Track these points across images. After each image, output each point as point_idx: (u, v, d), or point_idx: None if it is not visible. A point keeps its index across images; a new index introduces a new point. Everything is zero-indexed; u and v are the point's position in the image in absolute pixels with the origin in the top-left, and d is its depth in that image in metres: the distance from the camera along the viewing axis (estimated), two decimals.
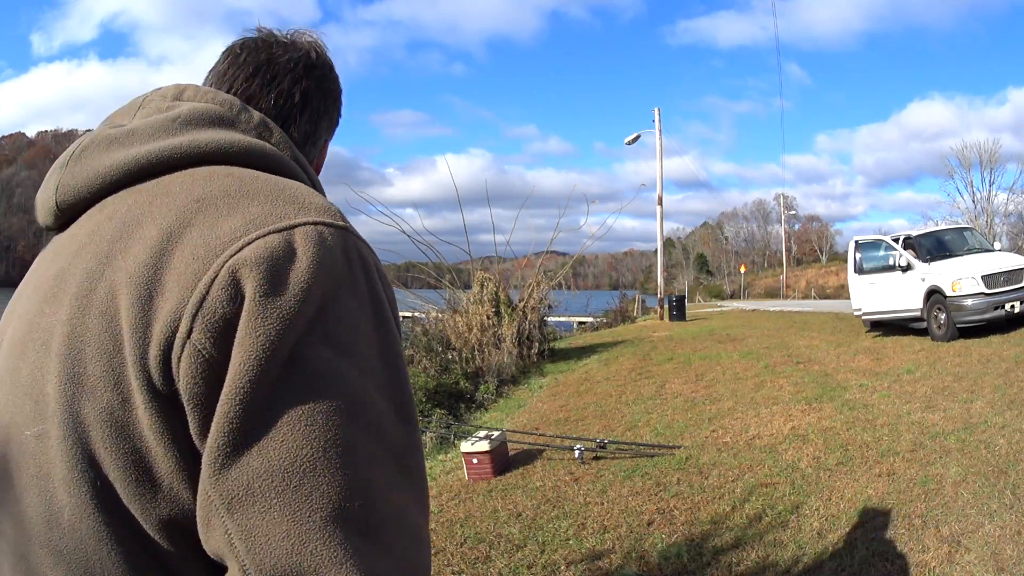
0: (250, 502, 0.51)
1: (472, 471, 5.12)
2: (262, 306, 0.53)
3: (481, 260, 13.72)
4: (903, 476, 4.19)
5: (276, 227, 0.57)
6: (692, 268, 75.46)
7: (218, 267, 0.55)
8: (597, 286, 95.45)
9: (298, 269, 0.55)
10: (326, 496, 0.51)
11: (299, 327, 0.54)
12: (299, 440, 0.52)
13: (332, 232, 0.59)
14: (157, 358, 0.54)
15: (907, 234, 10.75)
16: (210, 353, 0.53)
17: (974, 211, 35.95)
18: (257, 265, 0.55)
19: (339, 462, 0.52)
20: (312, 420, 0.52)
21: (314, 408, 0.53)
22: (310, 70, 0.83)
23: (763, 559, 3.33)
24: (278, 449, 0.51)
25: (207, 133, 0.68)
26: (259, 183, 0.63)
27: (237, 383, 0.52)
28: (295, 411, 0.52)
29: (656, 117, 24.71)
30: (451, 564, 3.57)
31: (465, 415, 8.21)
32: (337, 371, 0.54)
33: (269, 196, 0.61)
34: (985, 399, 5.67)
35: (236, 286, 0.54)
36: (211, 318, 0.54)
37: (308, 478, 0.51)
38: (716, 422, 6.13)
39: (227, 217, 0.58)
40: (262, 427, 0.52)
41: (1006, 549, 3.07)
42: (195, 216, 0.59)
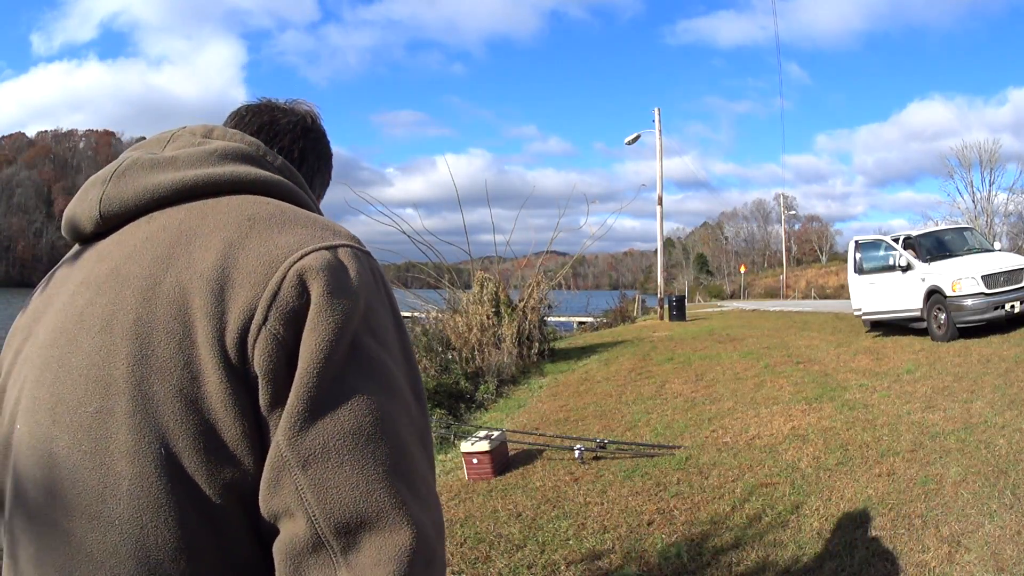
0: (324, 459, 0.62)
1: (472, 471, 5.12)
2: (329, 302, 0.66)
3: (481, 260, 13.73)
4: (903, 476, 4.19)
5: (325, 245, 0.70)
6: (692, 268, 75.46)
7: (286, 269, 0.67)
8: (597, 286, 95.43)
9: (351, 277, 0.69)
10: (385, 455, 0.63)
11: (355, 321, 0.66)
12: (363, 409, 0.64)
13: (361, 253, 0.73)
14: (234, 340, 0.65)
15: (907, 234, 10.75)
16: (283, 336, 0.65)
17: (974, 211, 35.96)
18: (321, 271, 0.67)
19: (390, 429, 0.65)
20: (370, 394, 0.65)
21: (369, 385, 0.65)
22: (307, 132, 0.97)
23: (763, 559, 3.32)
24: (347, 415, 0.63)
25: (243, 167, 0.79)
26: (296, 212, 0.76)
27: (313, 360, 0.64)
28: (358, 386, 0.64)
29: (656, 117, 24.72)
30: (451, 564, 3.57)
31: (465, 415, 8.21)
32: (380, 358, 0.67)
33: (308, 222, 0.74)
34: (985, 399, 5.67)
35: (303, 286, 0.66)
36: (284, 309, 0.65)
37: (372, 440, 0.63)
38: (716, 422, 6.13)
39: (280, 234, 0.70)
40: (334, 397, 0.63)
41: (1006, 549, 3.07)
42: (251, 231, 0.71)
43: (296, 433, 0.62)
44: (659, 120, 24.63)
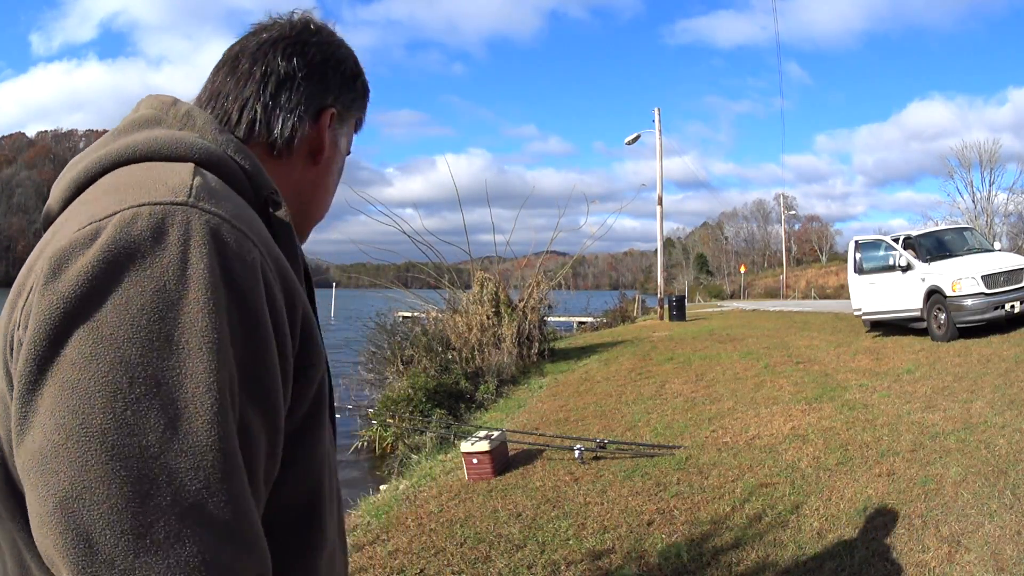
0: (24, 478, 0.52)
1: (472, 471, 5.12)
2: (39, 295, 0.53)
3: (481, 260, 13.73)
4: (903, 476, 4.19)
5: (98, 217, 0.56)
6: (692, 268, 75.47)
7: (39, 266, 0.56)
8: (597, 286, 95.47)
9: (84, 257, 0.53)
10: (56, 486, 0.49)
11: (65, 313, 0.52)
12: (50, 426, 0.50)
13: (156, 211, 0.56)
14: (4, 351, 0.58)
15: (907, 234, 10.75)
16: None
17: (974, 211, 35.94)
18: (50, 258, 0.54)
19: (79, 454, 0.49)
20: (64, 407, 0.50)
21: (65, 396, 0.50)
22: (276, 42, 0.80)
23: (763, 559, 3.33)
24: (37, 432, 0.51)
25: (129, 137, 0.68)
26: (137, 176, 0.62)
27: (20, 365, 0.53)
28: (51, 398, 0.51)
29: (656, 117, 24.72)
30: (451, 564, 3.57)
31: (465, 415, 8.21)
32: (95, 367, 0.51)
33: (133, 184, 0.60)
34: (985, 399, 5.67)
35: (38, 282, 0.55)
36: (26, 310, 0.55)
37: (50, 463, 0.49)
38: (716, 422, 6.13)
39: (77, 217, 0.59)
40: (31, 411, 0.52)
41: (1006, 549, 3.07)
42: (67, 220, 0.61)
43: (16, 448, 0.53)
44: (659, 120, 24.63)
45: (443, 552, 3.74)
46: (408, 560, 3.67)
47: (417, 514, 4.42)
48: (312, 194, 0.85)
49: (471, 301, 11.62)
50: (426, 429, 7.14)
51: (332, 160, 0.84)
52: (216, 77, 0.80)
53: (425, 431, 7.11)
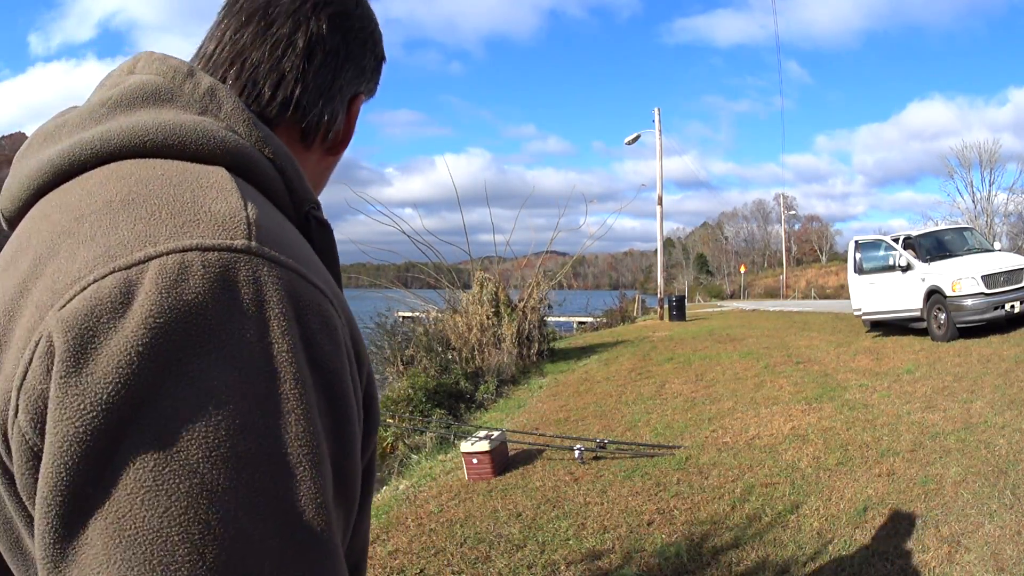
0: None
1: (472, 471, 5.12)
2: (65, 388, 0.39)
3: (481, 260, 13.74)
4: (903, 476, 4.20)
5: (124, 263, 0.42)
6: (692, 268, 75.52)
7: (43, 328, 0.41)
8: (597, 286, 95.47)
9: (123, 331, 0.39)
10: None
11: (116, 418, 0.38)
12: (105, 561, 0.38)
13: (213, 259, 0.42)
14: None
15: (907, 234, 10.75)
16: (33, 441, 0.40)
17: (974, 211, 35.97)
18: (68, 328, 0.40)
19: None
20: (133, 552, 0.37)
21: (135, 536, 0.37)
22: (322, 7, 0.66)
23: (763, 559, 3.33)
24: (90, 567, 0.38)
25: (130, 117, 0.54)
26: (156, 184, 0.48)
27: (43, 491, 0.39)
28: (112, 536, 0.38)
29: (656, 117, 24.74)
30: (451, 564, 3.57)
31: (465, 415, 8.22)
32: (173, 485, 0.38)
33: (155, 206, 0.46)
34: (985, 399, 5.67)
35: (51, 356, 0.40)
36: (31, 396, 0.40)
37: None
38: (716, 422, 6.13)
39: (87, 245, 0.44)
40: (76, 550, 0.38)
41: (1006, 549, 3.07)
42: (63, 242, 0.45)
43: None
44: (659, 120, 24.65)
45: (443, 552, 3.74)
46: (408, 560, 3.67)
47: (417, 514, 4.42)
48: (317, 184, 0.73)
49: (471, 301, 11.62)
50: (426, 429, 7.14)
51: (341, 149, 0.74)
52: (239, 34, 0.64)
53: (425, 431, 7.11)
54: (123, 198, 0.47)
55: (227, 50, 0.64)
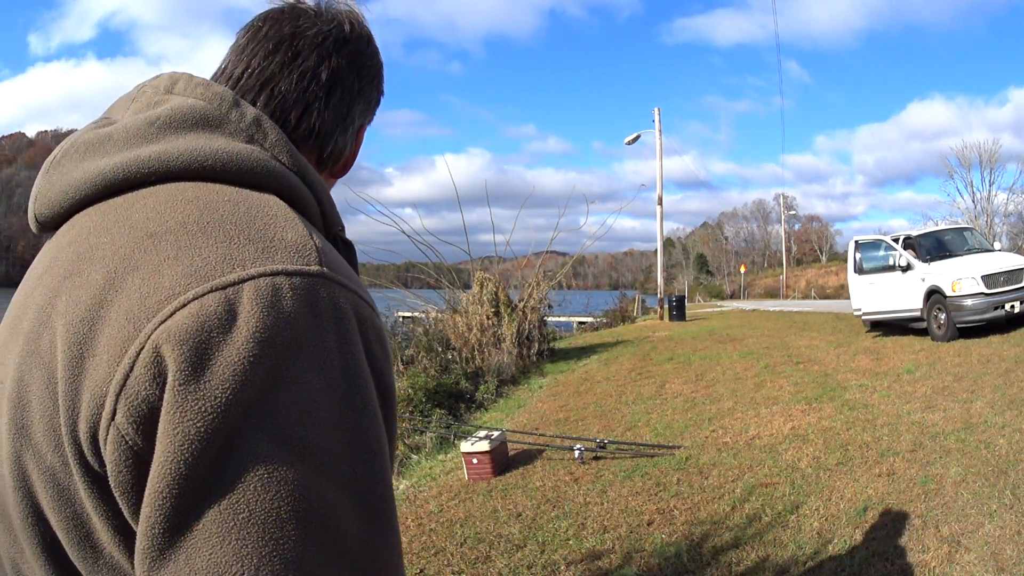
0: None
1: (472, 471, 5.12)
2: (183, 394, 0.44)
3: (481, 260, 13.73)
4: (903, 476, 4.20)
5: (220, 283, 0.47)
6: (692, 268, 75.48)
7: (144, 338, 0.46)
8: (597, 286, 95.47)
9: (234, 344, 0.45)
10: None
11: (232, 419, 0.44)
12: (229, 554, 0.43)
13: (299, 283, 0.49)
14: (87, 434, 0.48)
15: (907, 234, 10.76)
16: (134, 441, 0.46)
17: (974, 211, 35.97)
18: (182, 342, 0.45)
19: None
20: (247, 532, 0.43)
21: (250, 518, 0.43)
22: (341, 45, 0.71)
23: (763, 559, 3.33)
24: (205, 562, 0.43)
25: (184, 140, 0.58)
26: (225, 210, 0.53)
27: (158, 485, 0.44)
28: (226, 520, 0.43)
29: (656, 117, 24.74)
30: (451, 564, 3.57)
31: (465, 415, 8.21)
32: (282, 472, 0.44)
33: (231, 231, 0.51)
34: (985, 399, 5.67)
35: (159, 365, 0.45)
36: (134, 401, 0.45)
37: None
38: (716, 422, 6.13)
39: (172, 264, 0.49)
40: (188, 535, 0.44)
41: (1006, 549, 3.07)
42: (142, 258, 0.50)
43: (147, 572, 0.45)
44: (659, 120, 24.65)
45: (443, 552, 3.74)
46: (408, 560, 3.67)
47: (417, 514, 4.42)
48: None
49: (471, 301, 11.62)
50: (426, 429, 7.14)
51: (343, 173, 0.81)
52: (268, 60, 0.68)
53: (425, 431, 7.11)
54: (197, 220, 0.52)
55: (255, 76, 0.68)
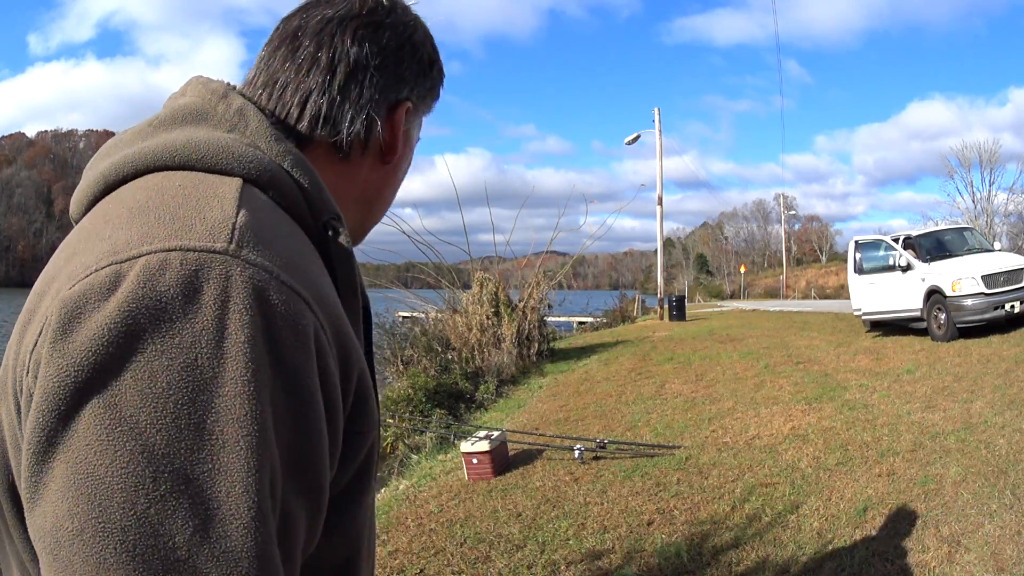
0: (36, 546, 0.46)
1: (472, 471, 5.12)
2: (50, 352, 0.45)
3: (481, 260, 13.73)
4: (903, 476, 4.20)
5: (122, 257, 0.48)
6: (692, 268, 75.53)
7: (53, 305, 0.48)
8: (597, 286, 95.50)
9: (102, 311, 0.45)
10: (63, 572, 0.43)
11: (81, 381, 0.44)
12: (63, 512, 0.43)
13: (191, 259, 0.47)
14: (14, 383, 0.51)
15: (907, 234, 10.76)
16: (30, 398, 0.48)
17: (974, 211, 35.98)
18: (64, 306, 0.46)
19: (95, 551, 0.42)
20: (78, 493, 0.43)
21: (79, 481, 0.43)
22: (347, 23, 0.68)
23: (763, 559, 3.33)
24: (50, 516, 0.44)
25: (171, 135, 0.59)
26: (172, 193, 0.53)
27: (27, 434, 0.46)
28: (62, 476, 0.44)
29: (656, 117, 24.74)
30: (451, 564, 3.57)
31: (465, 415, 8.21)
32: (113, 440, 0.43)
33: (163, 212, 0.51)
34: (985, 399, 5.67)
35: (50, 327, 0.47)
36: (36, 359, 0.48)
37: (63, 551, 0.43)
38: (716, 422, 6.13)
39: (103, 242, 0.50)
40: (43, 486, 0.45)
41: (1006, 549, 3.07)
42: (89, 240, 0.52)
43: (28, 519, 0.47)
44: (659, 120, 24.65)
45: (443, 552, 3.74)
46: (408, 560, 3.67)
47: (417, 514, 4.42)
48: (378, 195, 0.75)
49: (471, 301, 11.61)
50: (426, 429, 7.14)
51: (404, 158, 0.75)
52: (272, 58, 0.69)
53: (425, 431, 7.11)
54: (141, 204, 0.53)
55: (263, 74, 0.69)
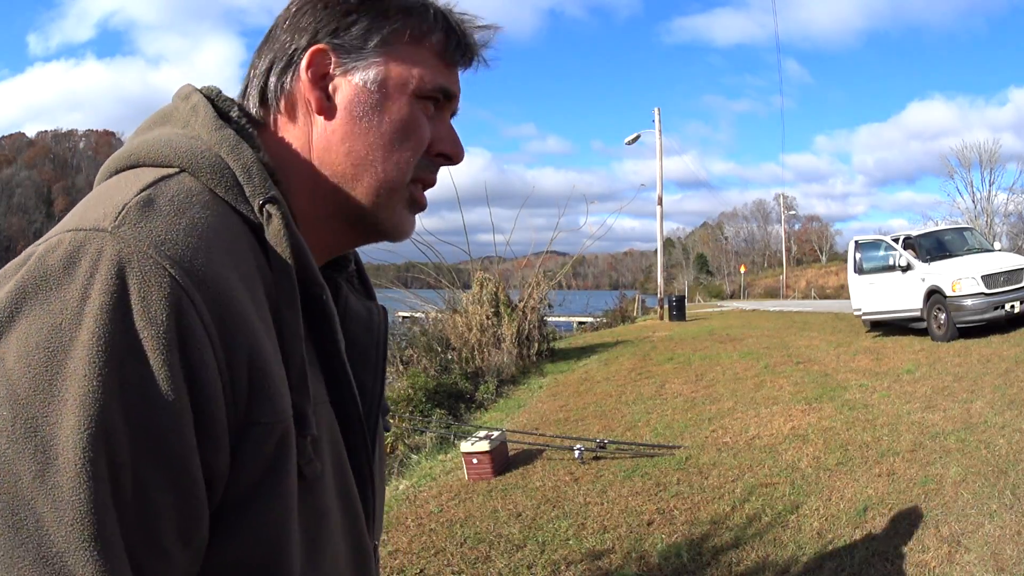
0: None
1: (472, 471, 5.12)
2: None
3: (481, 260, 13.73)
4: (903, 476, 4.20)
5: (40, 241, 0.54)
6: (692, 268, 75.46)
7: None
8: (597, 286, 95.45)
9: (11, 281, 0.51)
10: None
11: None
12: None
13: (78, 238, 0.52)
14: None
15: (907, 234, 10.75)
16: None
17: (974, 211, 35.96)
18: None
19: None
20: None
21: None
22: (309, 4, 0.67)
23: (763, 559, 3.33)
24: None
25: (139, 137, 0.64)
26: (105, 188, 0.59)
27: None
28: None
29: (656, 117, 24.74)
30: (451, 564, 3.57)
31: (465, 415, 8.21)
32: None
33: (88, 203, 0.57)
34: (985, 399, 5.67)
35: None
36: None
37: None
38: (716, 422, 6.13)
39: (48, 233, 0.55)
40: None
41: (1006, 549, 3.07)
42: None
43: None
44: (659, 120, 24.65)
45: (443, 552, 3.74)
46: (408, 560, 3.67)
47: (417, 514, 4.43)
48: (344, 152, 0.67)
49: (471, 301, 11.61)
50: (426, 429, 7.14)
51: (355, 105, 0.67)
52: (254, 58, 0.72)
53: (425, 431, 7.11)
54: (87, 198, 0.58)
55: (245, 80, 0.71)
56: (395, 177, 0.68)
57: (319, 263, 0.70)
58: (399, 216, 0.71)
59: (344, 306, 0.76)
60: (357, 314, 0.77)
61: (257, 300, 0.57)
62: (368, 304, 0.80)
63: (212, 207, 0.58)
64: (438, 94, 0.70)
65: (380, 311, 0.81)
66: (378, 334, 0.78)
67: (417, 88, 0.68)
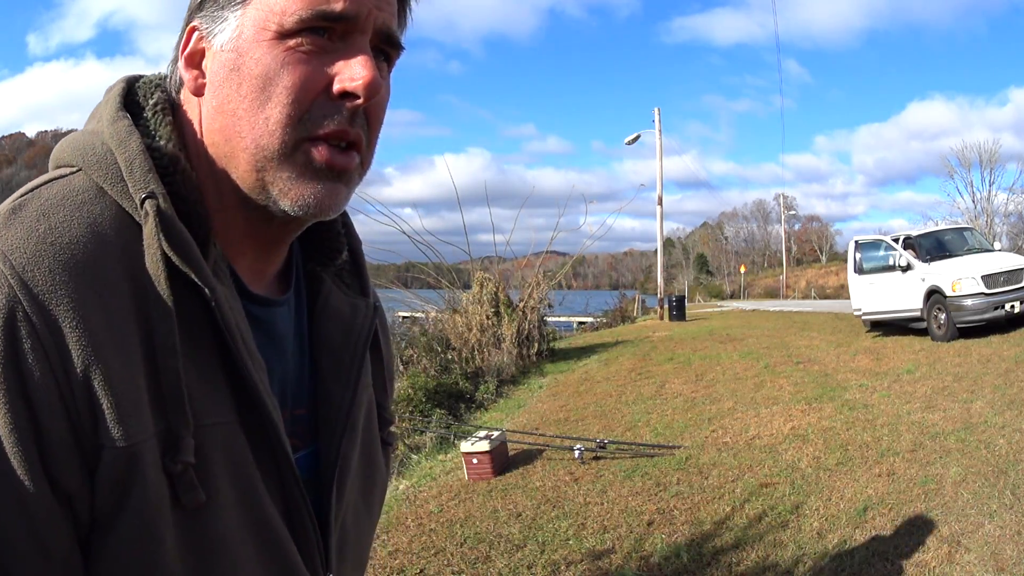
0: None
1: (472, 471, 5.12)
2: None
3: (481, 260, 13.74)
4: (903, 476, 4.20)
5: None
6: (692, 268, 75.49)
7: None
8: (597, 286, 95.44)
9: None
10: None
11: None
12: None
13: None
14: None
15: (907, 234, 10.75)
16: None
17: (974, 211, 35.95)
18: None
19: None
20: None
21: None
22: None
23: (763, 559, 3.33)
24: None
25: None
26: (34, 186, 0.58)
27: None
28: None
29: (656, 117, 24.74)
30: (451, 564, 3.57)
31: (465, 415, 8.21)
32: None
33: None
34: (985, 399, 5.67)
35: None
36: None
37: None
38: (716, 422, 6.13)
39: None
40: None
41: (1006, 549, 3.08)
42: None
43: None
44: (659, 120, 24.65)
45: (443, 552, 3.74)
46: (408, 560, 3.67)
47: (417, 514, 4.43)
48: (217, 130, 0.61)
49: (471, 301, 11.62)
50: (426, 429, 7.14)
51: (215, 74, 0.60)
52: None
53: (425, 431, 7.11)
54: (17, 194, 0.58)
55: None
56: (267, 142, 0.58)
57: (269, 263, 0.67)
58: (297, 188, 0.59)
59: (324, 304, 0.71)
60: (337, 313, 0.71)
61: (116, 311, 0.52)
62: (355, 301, 0.74)
63: (89, 208, 0.55)
64: (316, 22, 0.57)
65: (368, 309, 0.74)
66: (358, 336, 0.71)
67: (279, 26, 0.57)
